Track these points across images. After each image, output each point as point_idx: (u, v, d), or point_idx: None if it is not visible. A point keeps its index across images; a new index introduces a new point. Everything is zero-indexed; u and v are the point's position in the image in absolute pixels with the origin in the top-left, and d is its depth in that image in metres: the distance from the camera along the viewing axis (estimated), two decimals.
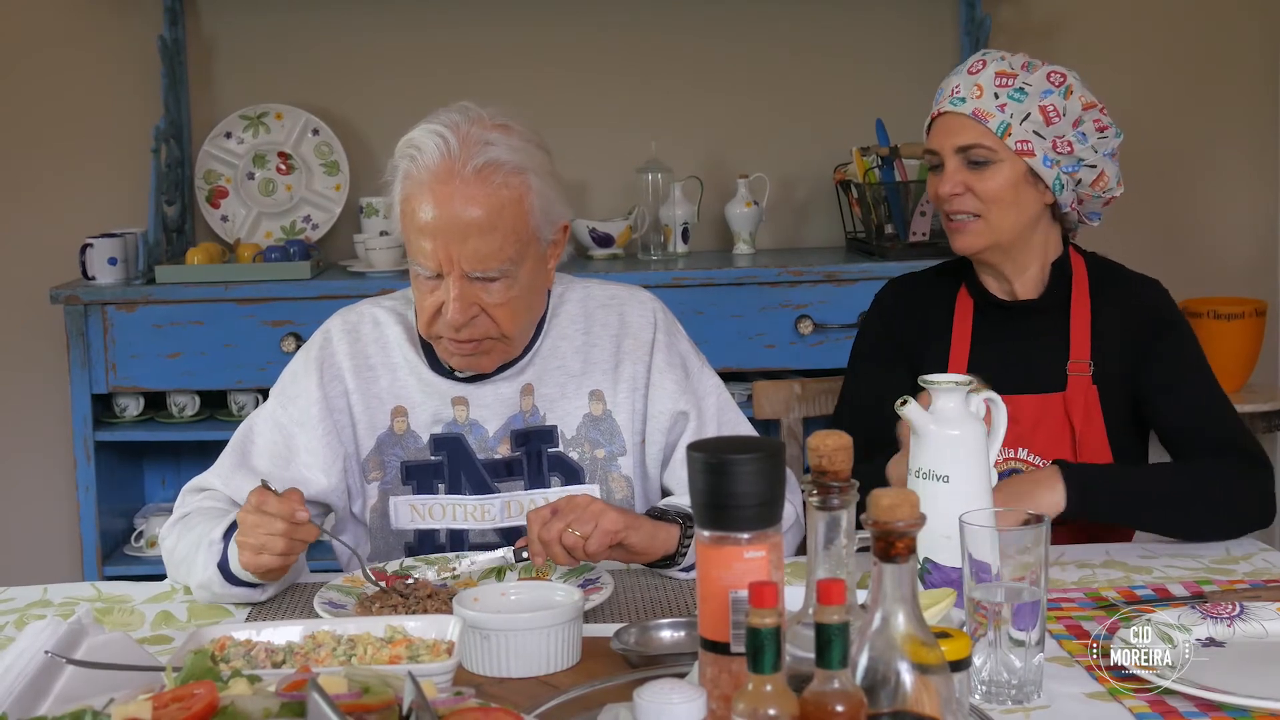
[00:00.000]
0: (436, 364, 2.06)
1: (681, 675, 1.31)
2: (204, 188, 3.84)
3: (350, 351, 2.07)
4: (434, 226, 1.91)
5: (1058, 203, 2.16)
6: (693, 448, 1.28)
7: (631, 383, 2.08)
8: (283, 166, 3.85)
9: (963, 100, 2.13)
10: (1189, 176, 4.06)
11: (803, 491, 1.29)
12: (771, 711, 1.12)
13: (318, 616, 1.73)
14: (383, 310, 2.11)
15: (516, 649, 1.56)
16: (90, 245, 3.54)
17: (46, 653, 1.44)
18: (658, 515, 1.93)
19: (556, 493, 2.00)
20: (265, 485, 1.84)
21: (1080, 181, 2.15)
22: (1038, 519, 1.48)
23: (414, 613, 1.73)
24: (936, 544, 1.61)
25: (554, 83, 3.88)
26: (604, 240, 3.76)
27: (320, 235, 3.85)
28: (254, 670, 1.41)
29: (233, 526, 1.85)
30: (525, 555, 1.86)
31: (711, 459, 1.25)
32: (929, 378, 1.69)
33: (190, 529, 1.96)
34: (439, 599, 1.78)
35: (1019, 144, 2.11)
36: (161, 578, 2.03)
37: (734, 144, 3.94)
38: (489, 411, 2.05)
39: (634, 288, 2.18)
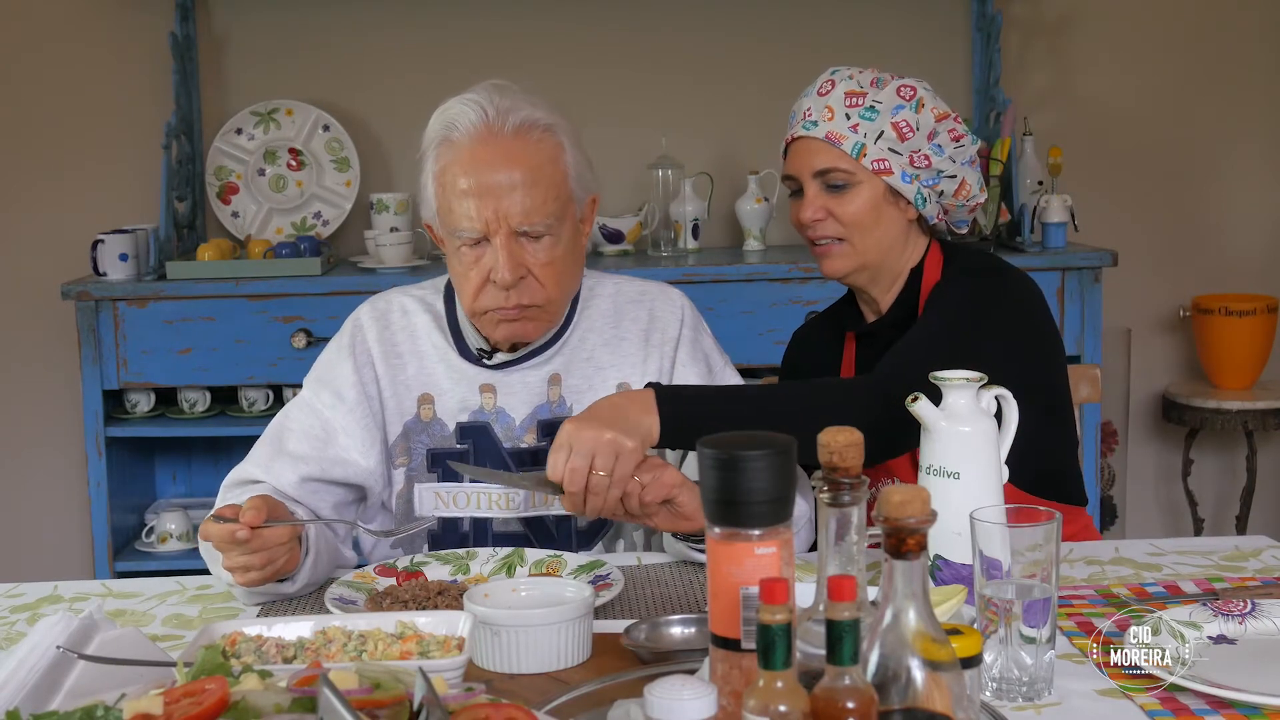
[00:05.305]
0: (466, 350, 2.08)
1: (692, 671, 1.31)
2: (215, 184, 3.85)
3: (379, 338, 2.09)
4: (479, 187, 1.93)
5: (923, 216, 2.14)
6: (703, 443, 1.28)
7: (656, 376, 2.10)
8: (293, 163, 3.86)
9: (815, 124, 2.11)
10: (1201, 173, 4.05)
11: (813, 489, 1.29)
12: (782, 708, 1.12)
13: (328, 612, 1.74)
14: (411, 299, 2.13)
15: (527, 645, 1.56)
16: (101, 241, 3.55)
17: (58, 648, 1.44)
18: None
19: None
20: (213, 518, 1.76)
21: (943, 193, 2.13)
22: (1049, 516, 1.47)
23: (424, 608, 1.73)
24: (947, 540, 1.61)
25: (564, 79, 3.88)
26: (614, 236, 3.76)
27: (331, 231, 3.86)
28: (265, 665, 1.41)
29: None
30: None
31: (722, 455, 1.25)
32: (940, 374, 1.69)
33: None
34: (449, 595, 1.78)
35: (875, 163, 2.08)
36: (171, 574, 2.04)
37: (744, 140, 3.94)
38: (516, 400, 2.06)
39: (664, 285, 2.20)
